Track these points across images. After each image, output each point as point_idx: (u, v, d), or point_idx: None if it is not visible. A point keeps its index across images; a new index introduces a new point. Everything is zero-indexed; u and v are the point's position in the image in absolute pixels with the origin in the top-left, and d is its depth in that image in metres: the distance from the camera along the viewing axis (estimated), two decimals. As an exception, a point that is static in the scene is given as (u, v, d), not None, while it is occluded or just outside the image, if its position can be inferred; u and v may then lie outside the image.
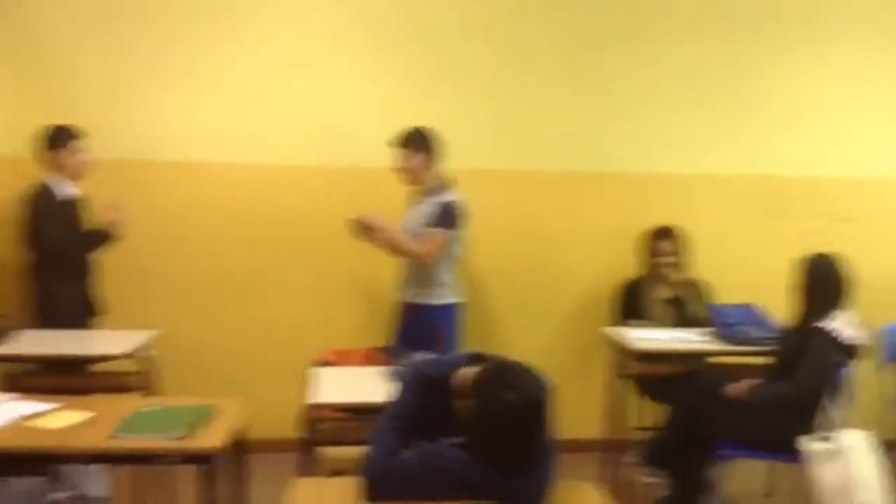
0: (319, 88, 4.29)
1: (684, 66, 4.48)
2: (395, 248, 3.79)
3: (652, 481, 3.67)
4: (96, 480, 2.72)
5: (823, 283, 3.37)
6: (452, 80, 4.34)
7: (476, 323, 4.22)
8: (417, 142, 3.80)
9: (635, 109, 4.47)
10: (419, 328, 3.79)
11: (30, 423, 2.42)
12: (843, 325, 3.30)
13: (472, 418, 2.02)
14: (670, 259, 4.16)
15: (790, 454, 3.21)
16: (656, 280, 4.18)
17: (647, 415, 4.20)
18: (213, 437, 2.35)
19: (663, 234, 4.20)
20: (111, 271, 3.96)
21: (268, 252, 4.34)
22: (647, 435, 4.17)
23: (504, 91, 4.39)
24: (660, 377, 3.83)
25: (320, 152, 4.31)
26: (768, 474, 4.06)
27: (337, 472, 2.77)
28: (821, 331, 3.28)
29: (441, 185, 3.82)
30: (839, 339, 3.27)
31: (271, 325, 4.35)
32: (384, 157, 3.86)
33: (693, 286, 4.21)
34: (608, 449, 3.93)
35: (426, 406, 2.14)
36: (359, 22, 4.29)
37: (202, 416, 2.48)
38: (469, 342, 3.84)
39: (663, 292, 4.17)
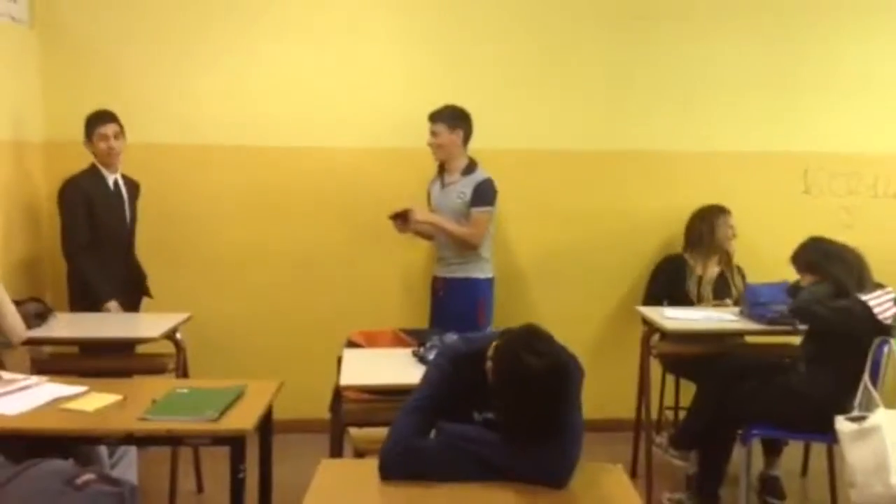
0: (350, 71, 4.29)
1: (721, 43, 4.41)
2: (446, 236, 3.85)
3: (680, 463, 3.66)
4: (126, 463, 2.77)
5: (825, 265, 3.34)
6: (479, 60, 4.32)
7: (508, 301, 4.22)
8: (456, 119, 3.86)
9: (675, 89, 4.42)
10: (461, 302, 3.86)
11: (62, 406, 2.46)
12: (883, 301, 3.23)
13: (493, 383, 2.03)
14: (732, 234, 4.10)
15: (826, 434, 3.17)
16: (707, 257, 4.09)
17: (678, 394, 4.19)
18: (243, 419, 2.37)
19: (725, 210, 4.11)
20: (144, 255, 4.02)
21: (300, 234, 4.37)
22: (677, 415, 4.17)
23: (531, 71, 4.36)
24: (691, 357, 3.79)
25: (353, 134, 4.32)
26: (804, 453, 4.03)
27: (364, 454, 2.81)
28: (862, 302, 3.22)
29: (472, 164, 3.90)
30: (877, 315, 3.19)
31: (302, 307, 4.39)
32: (414, 137, 3.87)
33: (735, 266, 4.16)
34: (638, 428, 3.91)
35: (459, 382, 2.14)
36: (386, 4, 4.29)
37: (233, 398, 2.51)
38: (500, 319, 3.85)
39: (710, 270, 4.09)
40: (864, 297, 3.22)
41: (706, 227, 4.10)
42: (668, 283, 4.11)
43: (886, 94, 4.48)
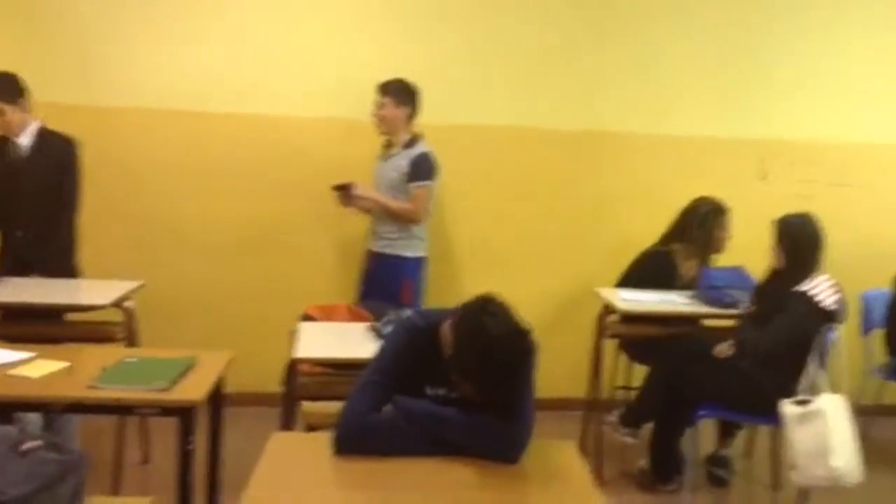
0: (301, 39, 4.24)
1: (683, 27, 4.44)
2: (385, 212, 3.82)
3: (630, 440, 3.71)
4: (67, 435, 2.72)
5: (800, 242, 3.35)
6: (432, 33, 4.31)
7: (455, 279, 4.23)
8: (405, 94, 3.85)
9: (631, 70, 4.45)
10: (386, 279, 3.86)
11: (7, 371, 2.40)
12: (823, 288, 3.29)
13: (453, 351, 2.03)
14: (728, 236, 3.94)
15: (770, 417, 3.24)
16: (698, 255, 3.97)
17: (630, 375, 4.25)
18: (193, 390, 2.34)
19: (725, 209, 3.91)
20: (94, 220, 3.92)
21: (256, 204, 4.32)
22: (629, 395, 4.22)
23: (484, 47, 4.35)
24: (645, 339, 3.83)
25: (308, 103, 4.27)
26: (748, 436, 4.12)
27: (317, 428, 2.79)
28: (802, 295, 3.27)
29: (414, 139, 3.89)
30: (820, 304, 3.26)
31: (258, 278, 4.34)
32: (367, 108, 3.87)
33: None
34: (590, 408, 3.96)
35: (414, 357, 2.14)
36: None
37: (183, 369, 2.47)
38: (447, 296, 3.83)
39: (692, 265, 3.98)
40: (806, 289, 3.28)
41: (705, 228, 3.90)
42: (651, 281, 3.93)
43: (843, 82, 4.55)
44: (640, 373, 3.93)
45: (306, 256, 4.36)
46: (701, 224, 3.90)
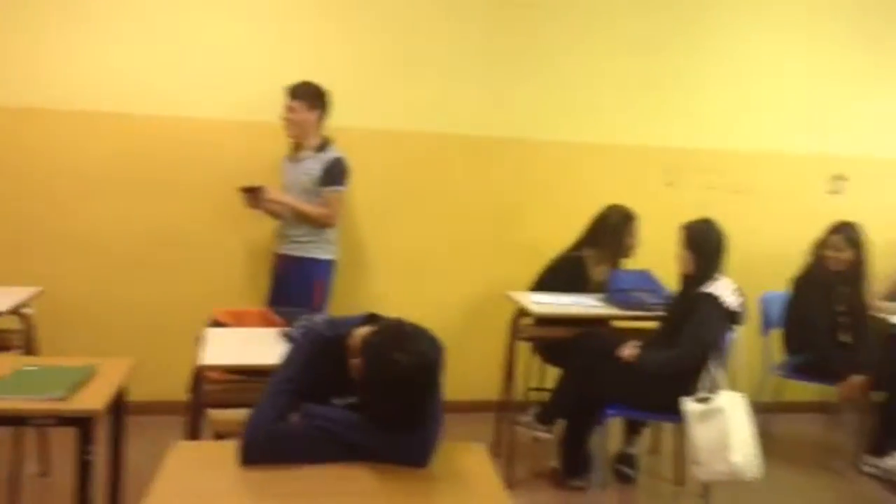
0: (210, 41, 4.16)
1: (587, 36, 4.53)
2: (299, 216, 3.78)
3: (543, 437, 3.77)
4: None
5: (708, 246, 3.45)
6: (344, 37, 4.29)
7: (367, 285, 4.22)
8: (316, 98, 3.83)
9: (536, 77, 4.51)
10: (297, 281, 3.83)
11: None
12: (726, 290, 3.41)
13: (362, 378, 2.02)
14: (636, 242, 4.04)
15: (674, 414, 3.34)
16: (609, 261, 4.04)
17: (543, 377, 4.32)
18: (92, 399, 2.26)
19: (634, 216, 4.01)
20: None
21: (159, 208, 4.20)
22: (542, 396, 4.29)
23: (396, 51, 4.35)
24: (556, 340, 3.90)
25: (216, 105, 4.19)
26: (654, 433, 4.24)
27: (225, 436, 2.73)
28: (708, 296, 3.38)
29: (325, 142, 3.87)
30: (725, 305, 3.38)
31: (163, 283, 4.23)
32: (275, 111, 3.84)
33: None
34: (504, 409, 4.00)
35: (320, 367, 2.12)
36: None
37: (83, 377, 2.39)
38: (373, 303, 3.81)
39: (603, 272, 4.05)
40: (711, 290, 3.39)
41: (615, 235, 4.01)
42: (568, 283, 4.01)
43: (746, 92, 4.73)
44: (553, 374, 4.00)
45: (214, 260, 4.27)
46: (611, 231, 4.01)
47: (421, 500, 1.91)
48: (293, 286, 3.82)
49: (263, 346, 2.80)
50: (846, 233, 4.09)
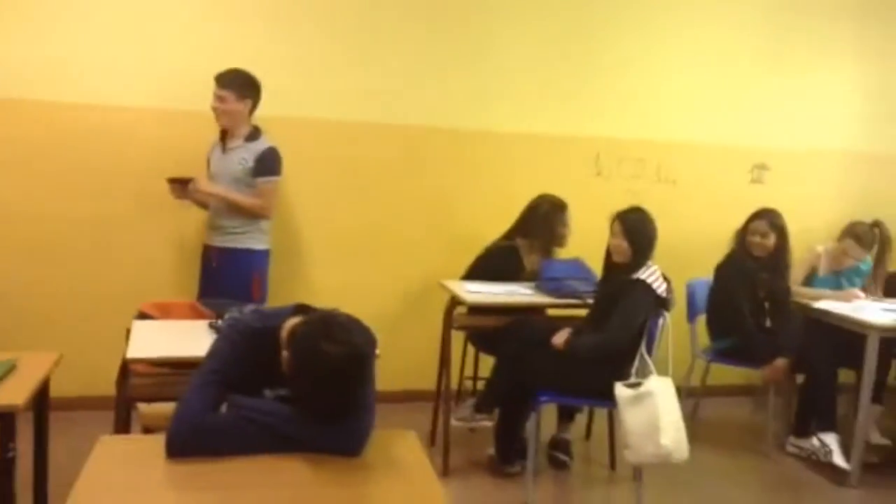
0: (147, 28, 4.06)
1: (518, 27, 4.56)
2: (232, 207, 3.72)
3: (487, 424, 3.81)
4: None
5: (643, 235, 3.51)
6: (275, 24, 4.24)
7: (302, 274, 4.19)
8: (246, 88, 3.76)
9: (467, 67, 4.53)
10: (235, 273, 3.76)
11: None
12: (656, 276, 3.48)
13: (291, 370, 2.01)
14: (568, 231, 4.08)
15: (606, 400, 3.40)
16: (542, 249, 4.10)
17: (477, 365, 4.36)
18: (13, 394, 2.21)
19: (565, 205, 4.06)
20: None
21: (87, 197, 4.09)
22: (478, 385, 4.33)
23: (335, 41, 4.33)
24: (490, 329, 3.93)
25: (147, 93, 4.10)
26: (587, 418, 4.32)
27: (154, 430, 2.69)
28: (639, 282, 3.44)
29: (256, 132, 3.82)
30: (655, 291, 3.45)
31: (86, 275, 4.13)
32: (201, 99, 3.77)
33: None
34: (440, 399, 4.02)
35: (250, 359, 2.10)
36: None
37: (3, 372, 2.32)
38: (306, 294, 3.79)
39: (536, 261, 4.09)
40: (643, 277, 3.45)
41: (546, 224, 4.05)
42: (501, 272, 4.05)
43: (672, 84, 4.83)
44: (488, 363, 4.03)
45: (141, 251, 4.19)
46: (542, 220, 4.06)
47: (353, 489, 1.91)
48: (230, 278, 3.74)
49: (192, 339, 2.77)
50: (769, 218, 4.21)
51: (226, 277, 3.76)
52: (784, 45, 4.98)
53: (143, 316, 3.05)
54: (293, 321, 2.08)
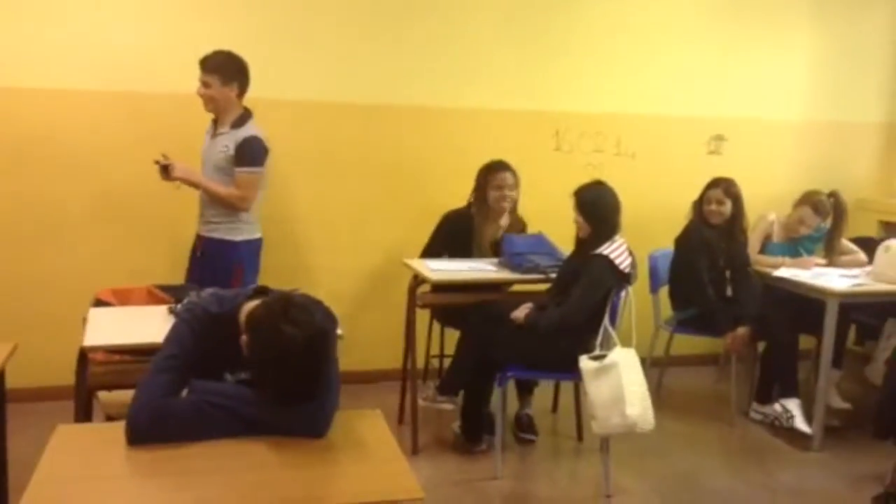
0: (111, 8, 3.97)
1: (481, 4, 4.53)
2: (210, 196, 3.64)
3: (448, 407, 3.81)
4: None
5: (600, 210, 3.52)
6: (249, 5, 4.17)
7: (279, 257, 4.14)
8: (232, 72, 3.60)
9: (430, 44, 4.48)
10: (217, 264, 3.66)
11: None
12: (620, 251, 3.50)
13: (251, 353, 1.99)
14: (512, 193, 4.05)
15: (571, 373, 3.43)
16: (489, 216, 4.09)
17: (443, 344, 4.35)
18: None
19: (504, 166, 4.04)
20: None
21: (49, 182, 4.00)
22: (442, 363, 4.33)
23: (305, 22, 4.26)
24: (454, 306, 3.93)
25: (112, 76, 4.01)
26: (554, 392, 4.35)
27: (117, 418, 2.64)
28: (601, 257, 3.45)
29: (242, 118, 3.67)
30: (618, 265, 3.46)
31: (50, 262, 4.04)
32: (185, 83, 3.65)
33: (521, 223, 4.22)
34: (406, 378, 4.02)
35: (209, 343, 2.07)
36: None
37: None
38: (270, 275, 3.76)
39: (492, 230, 4.10)
40: (606, 252, 3.46)
41: (483, 184, 4.05)
42: (449, 239, 4.07)
43: (629, 56, 4.83)
44: (453, 340, 4.03)
45: (106, 237, 4.11)
46: (480, 183, 4.06)
47: (319, 469, 1.90)
48: (212, 268, 3.62)
49: (150, 325, 2.71)
50: (724, 186, 4.26)
51: (208, 268, 3.65)
52: (739, 15, 5.00)
53: (99, 303, 2.99)
54: (252, 304, 2.06)
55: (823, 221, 4.47)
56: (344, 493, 1.82)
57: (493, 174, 4.04)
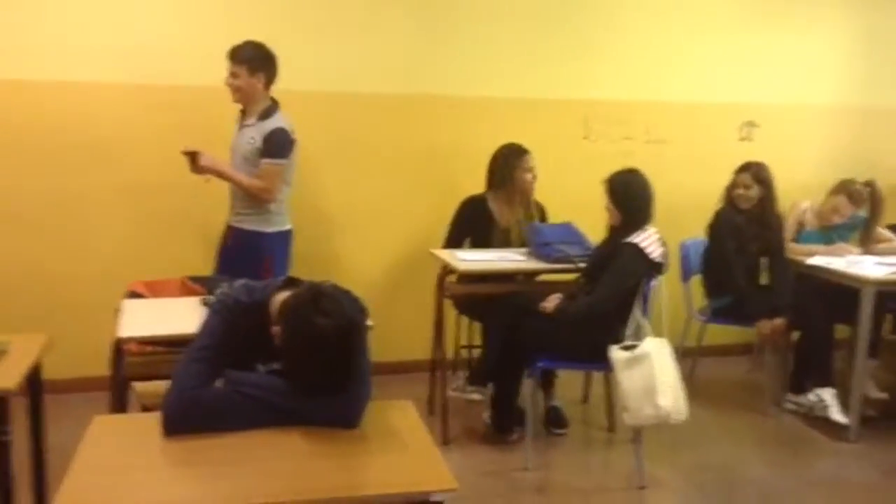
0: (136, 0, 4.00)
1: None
2: (237, 187, 3.66)
3: (478, 397, 3.81)
4: None
5: (631, 197, 3.48)
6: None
7: (310, 248, 4.15)
8: (259, 61, 3.62)
9: (458, 34, 4.47)
10: (246, 255, 3.68)
11: None
12: (651, 240, 3.45)
13: (283, 343, 1.99)
14: (531, 177, 4.06)
15: (602, 363, 3.40)
16: (514, 200, 4.09)
17: (472, 334, 4.35)
18: (4, 378, 2.18)
19: (525, 149, 4.05)
20: None
21: (79, 175, 4.04)
22: (472, 354, 4.33)
23: (330, 13, 4.26)
24: (483, 297, 3.92)
25: (144, 69, 4.03)
26: (584, 382, 4.33)
27: (153, 409, 2.67)
28: (631, 245, 3.41)
29: (269, 109, 3.67)
30: (648, 254, 3.42)
31: (80, 255, 4.09)
32: (209, 74, 3.67)
33: (540, 207, 4.21)
34: (436, 368, 4.02)
35: (241, 333, 2.08)
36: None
37: (-6, 356, 2.30)
38: (299, 265, 3.78)
39: (516, 214, 4.10)
40: (637, 240, 3.41)
41: (506, 168, 4.04)
42: (468, 225, 4.10)
43: (659, 43, 4.77)
44: (479, 332, 4.02)
45: (139, 230, 4.15)
46: (501, 167, 4.05)
47: (352, 459, 1.90)
48: (244, 260, 3.63)
49: (184, 315, 2.73)
50: (752, 170, 4.20)
51: (237, 259, 3.67)
52: (769, 3, 4.92)
53: (132, 295, 3.02)
54: (283, 295, 2.07)
55: (858, 211, 4.39)
56: (378, 483, 1.82)
57: (519, 157, 4.04)
